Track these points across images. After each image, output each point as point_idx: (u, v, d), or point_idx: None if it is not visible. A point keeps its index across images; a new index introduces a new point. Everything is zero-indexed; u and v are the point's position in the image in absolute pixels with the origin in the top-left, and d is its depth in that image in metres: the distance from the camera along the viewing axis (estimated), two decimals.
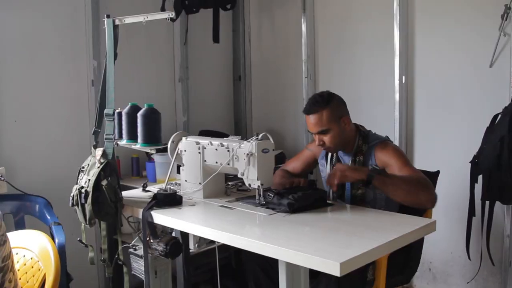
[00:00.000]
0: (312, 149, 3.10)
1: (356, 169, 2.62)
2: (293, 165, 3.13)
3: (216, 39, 4.42)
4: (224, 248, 2.81)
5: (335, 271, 1.77)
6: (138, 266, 2.93)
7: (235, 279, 3.79)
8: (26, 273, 2.21)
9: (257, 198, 2.51)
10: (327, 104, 2.75)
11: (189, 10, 4.11)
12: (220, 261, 3.99)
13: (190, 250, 2.92)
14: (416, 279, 3.94)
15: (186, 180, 2.77)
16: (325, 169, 2.98)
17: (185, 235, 2.77)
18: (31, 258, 2.26)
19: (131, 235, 2.80)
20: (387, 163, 2.70)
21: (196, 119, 4.59)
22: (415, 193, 2.50)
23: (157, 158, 3.67)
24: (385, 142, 2.81)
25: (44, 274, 2.16)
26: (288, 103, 4.63)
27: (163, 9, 4.01)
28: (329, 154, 2.95)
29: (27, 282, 2.19)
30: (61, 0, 3.71)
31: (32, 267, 2.24)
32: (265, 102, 4.93)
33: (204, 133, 4.08)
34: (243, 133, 4.83)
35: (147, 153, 4.01)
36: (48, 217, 3.23)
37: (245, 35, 4.95)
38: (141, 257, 2.83)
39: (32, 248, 2.27)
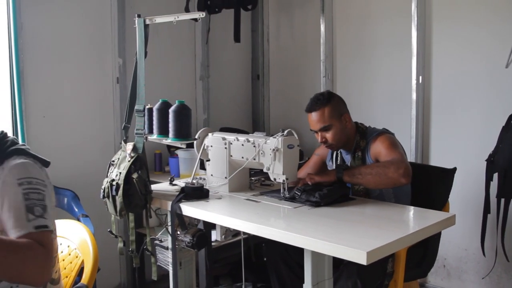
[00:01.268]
0: (319, 154, 3.20)
1: (324, 174, 2.73)
2: (305, 171, 3.18)
3: (237, 38, 4.52)
4: (244, 242, 2.91)
5: (362, 260, 1.86)
6: (164, 258, 3.04)
7: (254, 272, 3.87)
8: (64, 260, 2.32)
9: (282, 192, 2.60)
10: (328, 101, 2.85)
11: (212, 10, 4.20)
12: (240, 255, 4.11)
13: (217, 241, 3.01)
14: (430, 275, 3.99)
15: (212, 175, 2.86)
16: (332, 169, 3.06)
17: (208, 228, 2.86)
18: (68, 246, 2.37)
19: (153, 229, 2.89)
20: (377, 153, 2.80)
21: (216, 117, 4.68)
22: (383, 173, 2.56)
23: (181, 153, 3.77)
24: (379, 134, 2.88)
25: (82, 261, 2.27)
26: (306, 102, 4.64)
27: (187, 9, 4.11)
28: (334, 154, 3.04)
29: (65, 268, 2.29)
30: (88, 0, 3.82)
31: (70, 254, 2.35)
32: (283, 101, 5.00)
33: (225, 130, 4.15)
34: (260, 131, 4.91)
35: (169, 149, 4.12)
36: (76, 210, 3.33)
37: (264, 35, 5.02)
38: (167, 248, 2.93)
39: (69, 237, 2.38)
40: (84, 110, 3.83)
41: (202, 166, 3.02)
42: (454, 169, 2.97)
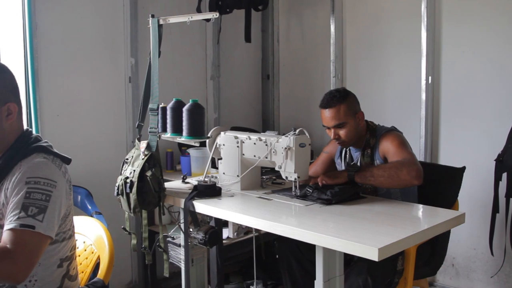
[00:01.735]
0: (327, 151, 3.22)
1: (335, 176, 2.71)
2: (314, 169, 3.22)
3: (248, 38, 4.56)
4: (255, 240, 2.95)
5: (373, 256, 1.89)
6: (176, 255, 3.07)
7: (265, 270, 3.92)
8: (79, 256, 2.36)
9: (293, 190, 2.64)
10: (344, 99, 2.87)
11: (223, 11, 4.23)
12: (250, 253, 4.15)
13: (229, 238, 3.05)
14: (439, 274, 4.03)
15: (224, 173, 2.90)
16: (340, 167, 3.10)
17: (219, 226, 2.90)
18: (84, 242, 2.42)
19: (165, 226, 2.92)
20: (386, 151, 2.82)
21: (226, 116, 4.72)
22: (396, 175, 2.58)
23: (192, 152, 3.81)
24: (387, 132, 2.90)
25: (98, 257, 2.31)
26: (316, 101, 4.64)
27: (198, 10, 4.15)
28: (343, 152, 3.06)
29: (80, 264, 2.34)
30: (101, 0, 3.87)
31: (85, 250, 2.40)
32: (292, 101, 5.04)
33: (235, 129, 4.18)
34: (270, 130, 4.95)
35: (180, 148, 4.16)
36: (89, 207, 3.37)
37: (274, 35, 5.06)
38: (179, 245, 2.96)
39: (84, 233, 2.43)
40: (97, 109, 3.88)
41: (213, 165, 3.05)
42: (463, 168, 3.00)
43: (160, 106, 2.79)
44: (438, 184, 2.98)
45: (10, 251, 1.77)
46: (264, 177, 2.99)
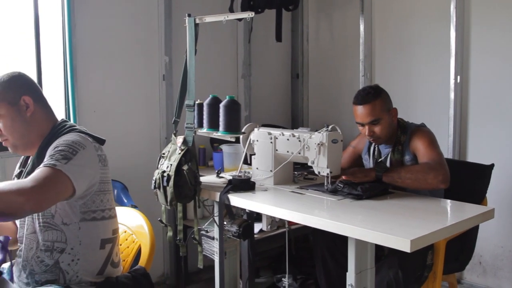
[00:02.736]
0: (355, 146, 3.27)
1: (365, 174, 2.76)
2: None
3: (279, 38, 4.63)
4: (284, 236, 3.01)
5: (406, 247, 1.95)
6: (209, 247, 3.15)
7: (295, 265, 3.98)
8: (121, 244, 2.45)
9: (325, 184, 2.70)
10: (379, 95, 2.90)
11: (255, 10, 4.29)
12: (280, 248, 4.21)
13: (262, 231, 3.12)
14: (466, 272, 4.06)
15: (257, 168, 2.97)
16: (368, 163, 3.14)
17: (251, 220, 2.97)
18: (125, 232, 2.52)
19: (193, 221, 2.98)
20: (416, 148, 2.86)
21: (257, 114, 4.80)
22: (423, 179, 2.63)
23: (225, 148, 3.90)
24: (417, 129, 2.94)
25: (139, 246, 2.41)
26: (345, 100, 4.78)
27: (231, 10, 4.23)
28: (371, 148, 3.10)
29: (122, 253, 2.44)
30: (137, 0, 3.98)
31: (127, 239, 2.50)
32: (321, 99, 5.10)
33: (266, 127, 4.26)
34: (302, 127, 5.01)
35: (212, 144, 4.25)
36: (125, 200, 3.47)
37: (303, 34, 5.13)
38: (212, 238, 3.04)
39: (125, 223, 2.52)
40: (132, 106, 3.99)
41: (245, 161, 3.12)
42: (492, 166, 3.04)
43: (196, 102, 2.87)
44: (466, 181, 3.01)
45: (23, 182, 1.88)
46: (296, 172, 3.05)
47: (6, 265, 2.26)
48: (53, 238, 2.11)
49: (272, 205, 2.54)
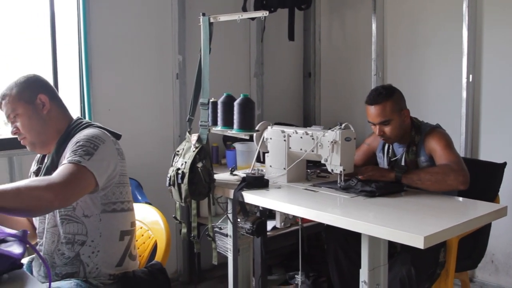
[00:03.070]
0: (369, 143, 3.28)
1: (383, 173, 2.77)
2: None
3: (291, 37, 4.66)
4: (297, 233, 3.03)
5: (419, 244, 1.97)
6: (223, 244, 3.18)
7: (307, 262, 4.00)
8: (137, 240, 2.49)
9: (338, 182, 2.71)
10: (391, 96, 2.90)
11: (267, 10, 4.32)
12: (292, 246, 4.23)
13: (276, 228, 3.14)
14: (478, 270, 4.07)
15: (270, 166, 3.00)
16: (382, 161, 3.15)
17: (264, 218, 2.99)
18: (141, 228, 2.55)
19: (207, 219, 3.00)
20: (432, 150, 2.85)
21: (269, 112, 4.83)
22: (443, 180, 2.63)
23: (238, 146, 3.93)
24: (432, 129, 2.94)
25: (155, 242, 2.44)
26: (357, 99, 4.80)
27: (244, 9, 4.26)
28: (386, 147, 3.11)
29: (138, 248, 2.47)
30: (151, 0, 4.02)
31: (142, 235, 2.53)
32: (333, 98, 5.12)
33: (279, 125, 4.30)
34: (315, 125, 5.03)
35: (225, 143, 4.29)
36: (139, 198, 3.51)
37: (315, 33, 5.15)
38: (226, 235, 3.07)
39: (140, 219, 2.56)
40: (146, 104, 4.04)
41: (258, 159, 3.15)
42: (504, 164, 3.04)
43: (211, 100, 2.90)
44: (479, 180, 2.99)
45: (51, 178, 1.94)
46: (309, 170, 3.08)
47: (25, 260, 2.30)
48: (74, 231, 2.17)
49: (286, 202, 2.56)
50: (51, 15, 3.52)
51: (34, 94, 2.25)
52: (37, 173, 2.32)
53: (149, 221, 2.55)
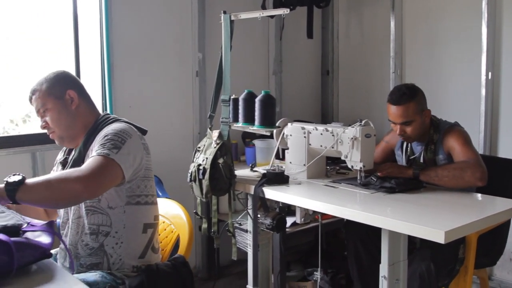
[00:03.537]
0: (388, 141, 3.29)
1: (401, 170, 2.80)
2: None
3: (310, 35, 4.69)
4: (315, 230, 3.05)
5: (440, 239, 1.99)
6: (243, 240, 3.22)
7: (325, 259, 4.01)
8: (159, 234, 2.53)
9: (358, 178, 2.74)
10: (414, 97, 2.92)
11: (287, 8, 4.34)
12: (310, 243, 4.26)
13: (296, 223, 3.17)
14: (496, 269, 4.06)
15: (290, 162, 3.03)
16: (401, 159, 3.16)
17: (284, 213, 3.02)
18: (163, 222, 2.59)
19: (227, 215, 3.04)
20: (451, 147, 2.87)
21: (287, 110, 4.85)
22: (460, 176, 2.64)
23: (257, 143, 3.96)
24: (451, 127, 2.94)
25: (177, 235, 2.48)
26: (374, 97, 4.81)
27: (263, 7, 4.28)
28: (404, 145, 3.12)
29: (161, 242, 2.51)
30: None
31: (165, 229, 2.57)
32: (351, 96, 5.12)
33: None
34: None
35: (244, 140, 4.32)
36: (160, 194, 3.54)
37: (333, 31, 5.16)
38: (246, 231, 3.11)
39: (163, 213, 2.60)
40: (166, 102, 4.08)
41: (277, 156, 3.17)
42: None
43: (232, 97, 2.93)
44: (498, 177, 2.99)
45: (80, 170, 2.01)
46: (328, 167, 3.10)
47: (53, 251, 2.35)
48: (99, 222, 2.23)
49: (306, 197, 2.60)
50: (74, 14, 3.58)
51: (64, 89, 2.32)
52: (63, 164, 2.39)
53: (171, 215, 2.59)
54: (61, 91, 2.32)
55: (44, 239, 1.72)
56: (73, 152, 2.34)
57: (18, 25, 3.59)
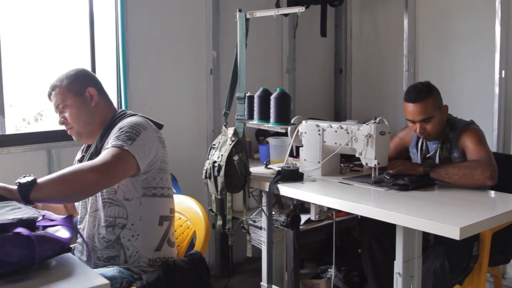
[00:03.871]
0: (402, 137, 3.29)
1: (412, 167, 2.80)
2: None
3: (323, 33, 4.70)
4: (329, 228, 3.06)
5: (455, 235, 2.00)
6: (257, 237, 3.24)
7: (339, 256, 4.03)
8: (176, 231, 2.55)
9: (373, 175, 2.75)
10: (431, 93, 2.93)
11: (301, 6, 4.36)
12: (323, 241, 4.28)
13: (310, 220, 3.18)
14: (509, 267, 4.05)
15: (305, 159, 3.04)
16: (416, 156, 3.16)
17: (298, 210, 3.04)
18: (179, 218, 2.62)
19: (241, 212, 3.05)
20: (465, 146, 2.87)
21: (300, 108, 4.86)
22: (470, 175, 2.64)
23: (271, 141, 3.97)
24: (466, 126, 2.95)
25: (193, 231, 2.50)
26: (388, 95, 4.82)
27: (277, 5, 4.30)
28: (420, 143, 3.12)
29: (177, 238, 2.54)
30: None
31: (181, 225, 2.60)
32: (364, 94, 5.13)
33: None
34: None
35: (257, 137, 4.34)
36: (174, 191, 3.56)
37: (347, 30, 5.17)
38: (260, 228, 3.13)
39: (179, 209, 2.62)
40: (180, 100, 4.11)
41: (291, 153, 3.19)
42: None
43: (247, 95, 2.95)
44: (511, 175, 3.02)
45: (95, 161, 2.08)
46: (341, 165, 3.11)
47: (72, 246, 2.38)
48: (115, 214, 2.26)
49: (321, 194, 2.62)
50: (90, 13, 3.61)
51: (84, 86, 2.37)
52: (81, 161, 2.42)
53: (188, 212, 2.61)
54: (81, 88, 2.36)
55: (63, 233, 1.75)
56: (91, 148, 2.37)
57: (20, 26, 3.61)
